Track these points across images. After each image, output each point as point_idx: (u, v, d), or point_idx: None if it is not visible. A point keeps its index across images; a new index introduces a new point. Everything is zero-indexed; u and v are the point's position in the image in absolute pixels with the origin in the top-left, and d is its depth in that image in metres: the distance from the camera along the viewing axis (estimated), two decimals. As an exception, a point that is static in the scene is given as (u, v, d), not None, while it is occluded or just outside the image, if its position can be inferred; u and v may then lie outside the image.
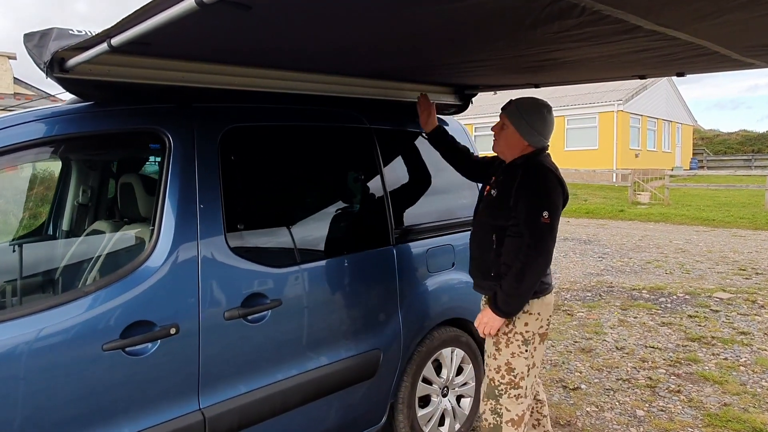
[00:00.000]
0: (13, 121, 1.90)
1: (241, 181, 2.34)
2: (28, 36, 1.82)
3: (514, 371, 2.34)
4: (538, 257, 2.19)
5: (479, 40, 1.61)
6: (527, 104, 2.35)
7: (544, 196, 2.22)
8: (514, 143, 2.37)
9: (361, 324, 2.59)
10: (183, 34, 1.50)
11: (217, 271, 2.13)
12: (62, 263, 2.63)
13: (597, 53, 1.80)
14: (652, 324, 5.35)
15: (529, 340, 2.34)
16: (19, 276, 2.54)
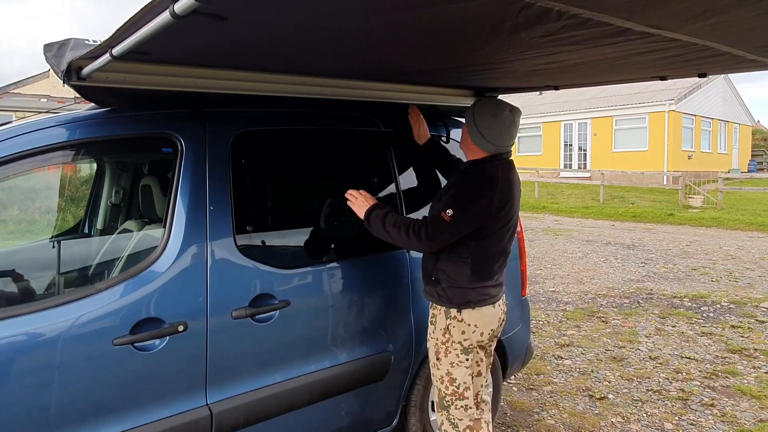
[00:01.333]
0: (36, 126, 2.01)
1: (251, 184, 2.40)
2: (47, 46, 1.94)
3: (456, 381, 2.30)
4: (414, 238, 2.17)
5: (467, 46, 1.60)
6: (483, 108, 2.27)
7: (457, 197, 2.18)
8: (468, 146, 2.33)
9: (372, 326, 2.61)
10: (178, 42, 1.55)
11: (225, 272, 2.19)
12: (90, 261, 2.76)
13: (600, 56, 1.76)
14: (691, 334, 5.14)
15: (469, 349, 2.29)
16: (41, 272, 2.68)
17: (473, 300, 2.26)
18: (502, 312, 2.38)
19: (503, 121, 2.22)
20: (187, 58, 1.91)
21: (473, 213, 2.15)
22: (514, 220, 2.32)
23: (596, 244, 10.37)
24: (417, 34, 1.48)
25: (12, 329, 1.80)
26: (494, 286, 2.32)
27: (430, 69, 2.34)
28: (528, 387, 4.01)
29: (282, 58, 2.04)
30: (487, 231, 2.23)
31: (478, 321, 2.27)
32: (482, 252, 2.25)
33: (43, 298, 2.12)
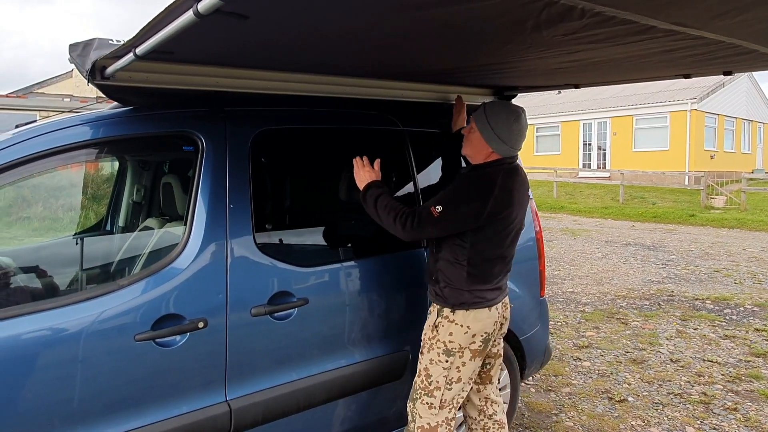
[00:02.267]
0: (60, 124, 2.05)
1: (270, 182, 2.42)
2: (72, 46, 1.97)
3: (430, 378, 2.29)
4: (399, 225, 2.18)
5: (487, 45, 1.59)
6: (496, 110, 2.25)
7: (451, 195, 2.19)
8: (480, 148, 2.28)
9: (390, 325, 2.61)
10: (200, 42, 1.57)
11: (244, 269, 2.20)
12: (112, 257, 2.81)
13: (623, 54, 1.73)
14: (714, 336, 5.05)
15: (453, 351, 2.25)
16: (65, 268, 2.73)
17: (467, 302, 2.25)
18: (499, 316, 2.34)
19: (522, 124, 2.23)
20: (208, 57, 1.93)
21: (462, 215, 2.15)
22: (514, 226, 2.30)
23: (616, 244, 10.25)
24: (437, 32, 1.48)
25: (37, 324, 1.83)
26: (492, 290, 2.30)
27: (450, 68, 2.33)
28: (546, 388, 3.98)
29: (301, 58, 2.05)
30: (482, 235, 2.22)
31: (471, 323, 2.25)
32: (478, 255, 2.24)
33: (66, 293, 2.16)
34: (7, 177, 1.93)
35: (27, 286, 2.33)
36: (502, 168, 2.24)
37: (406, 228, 2.18)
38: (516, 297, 3.13)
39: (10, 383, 1.77)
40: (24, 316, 1.82)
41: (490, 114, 2.23)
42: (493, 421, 2.49)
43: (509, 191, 2.23)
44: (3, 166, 1.89)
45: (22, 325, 1.81)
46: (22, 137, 1.97)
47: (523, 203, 2.35)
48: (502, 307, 2.37)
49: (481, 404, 2.49)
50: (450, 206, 2.15)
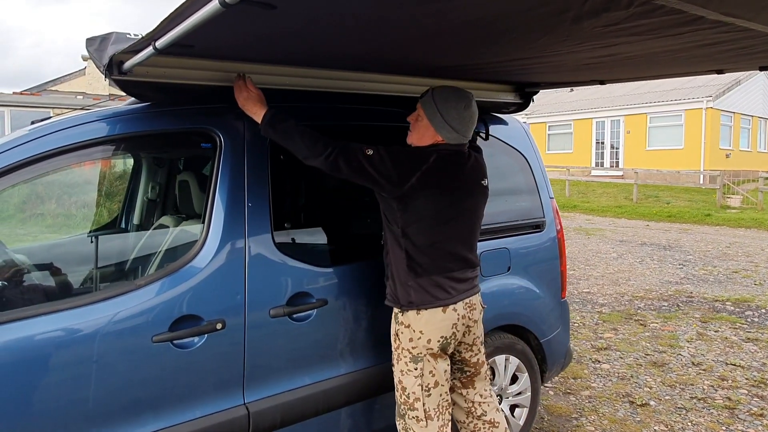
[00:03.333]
0: (77, 120, 2.01)
1: (290, 180, 2.36)
2: (90, 40, 1.93)
3: (407, 391, 2.17)
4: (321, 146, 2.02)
5: (520, 38, 1.52)
6: (445, 96, 2.15)
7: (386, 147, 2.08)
8: (428, 136, 2.18)
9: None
10: (223, 34, 1.51)
11: (263, 269, 2.15)
12: (128, 256, 2.77)
13: (661, 48, 1.66)
14: (736, 339, 4.94)
15: (419, 357, 2.13)
16: (86, 266, 2.69)
17: (416, 301, 2.11)
18: (461, 318, 2.17)
19: (472, 110, 2.16)
20: (228, 51, 1.88)
21: (387, 168, 2.04)
22: (456, 215, 2.17)
23: (631, 244, 10.11)
24: (471, 24, 1.41)
25: (55, 324, 1.79)
26: (444, 287, 2.14)
27: (474, 63, 2.26)
28: (565, 391, 3.90)
29: (323, 52, 1.99)
30: (410, 217, 2.11)
31: (423, 326, 2.11)
32: (410, 242, 2.12)
33: (83, 293, 2.12)
34: (23, 174, 1.89)
35: (43, 285, 2.30)
36: (438, 150, 2.15)
37: (327, 148, 2.02)
38: (535, 297, 3.06)
39: (26, 385, 1.73)
40: (41, 317, 1.78)
41: (440, 101, 2.14)
42: (483, 421, 2.35)
43: (446, 173, 2.13)
44: (19, 163, 1.85)
45: (40, 325, 1.77)
46: (38, 134, 1.93)
47: (472, 192, 2.23)
48: (465, 308, 2.19)
49: (468, 406, 2.36)
50: (380, 154, 2.04)
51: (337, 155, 2.04)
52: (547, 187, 3.26)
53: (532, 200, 3.16)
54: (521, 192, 3.13)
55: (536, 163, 3.24)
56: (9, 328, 1.73)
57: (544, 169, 3.29)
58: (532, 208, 3.15)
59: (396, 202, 2.13)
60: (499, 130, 3.10)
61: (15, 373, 1.71)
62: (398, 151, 2.13)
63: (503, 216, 2.99)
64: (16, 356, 1.71)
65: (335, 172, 2.07)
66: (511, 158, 3.14)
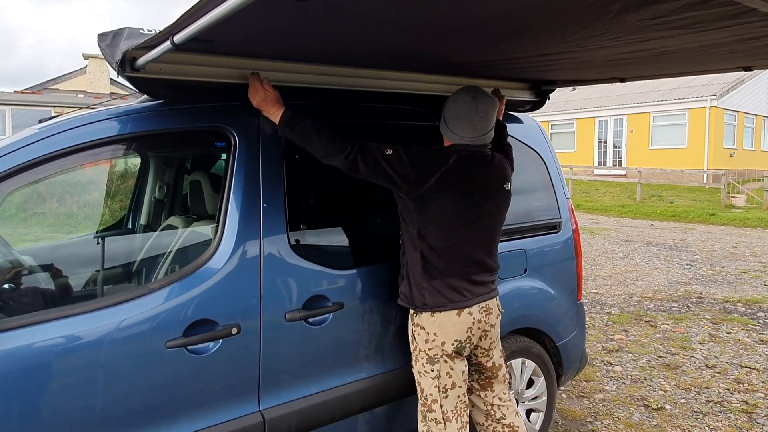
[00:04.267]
0: (88, 119, 1.94)
1: (305, 180, 2.30)
2: (101, 36, 1.86)
3: (425, 392, 2.15)
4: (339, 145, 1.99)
5: (560, 30, 1.45)
6: (451, 100, 2.17)
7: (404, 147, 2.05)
8: (445, 141, 2.23)
9: None
10: (244, 28, 1.45)
11: (279, 272, 2.09)
12: (136, 258, 2.71)
13: (697, 42, 1.59)
14: (749, 341, 4.87)
15: (435, 359, 2.10)
16: (98, 268, 2.63)
17: (430, 303, 2.08)
18: (476, 322, 2.12)
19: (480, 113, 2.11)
20: (245, 47, 1.81)
21: (405, 168, 2.01)
22: (474, 217, 2.11)
23: (636, 244, 10.05)
24: (501, 19, 1.35)
25: (67, 329, 1.73)
26: (460, 290, 2.09)
27: (496, 60, 2.20)
28: (578, 394, 3.84)
29: (343, 49, 1.93)
30: (427, 218, 2.06)
31: (437, 329, 2.09)
32: (426, 244, 2.07)
33: (94, 298, 2.05)
34: (31, 175, 1.83)
35: (51, 289, 2.24)
36: (457, 152, 2.11)
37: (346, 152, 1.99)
38: (552, 300, 3.00)
39: (36, 394, 1.67)
40: (51, 322, 1.72)
41: (445, 106, 2.18)
42: (503, 425, 2.30)
43: (465, 175, 2.08)
44: (28, 164, 1.79)
45: (50, 331, 1.71)
46: (47, 133, 1.87)
47: (493, 195, 2.18)
48: (481, 312, 2.13)
49: (487, 408, 2.32)
50: (399, 154, 2.02)
51: (355, 154, 2.00)
52: (562, 186, 3.19)
53: (548, 200, 3.10)
54: (537, 192, 3.06)
55: (552, 162, 3.17)
56: (16, 334, 1.67)
57: (559, 168, 3.23)
58: (549, 208, 3.08)
59: (413, 203, 2.07)
60: (515, 128, 3.03)
61: (24, 381, 1.65)
62: (418, 151, 2.08)
63: (520, 217, 2.92)
64: (24, 364, 1.65)
65: (353, 172, 2.03)
66: (526, 157, 3.07)
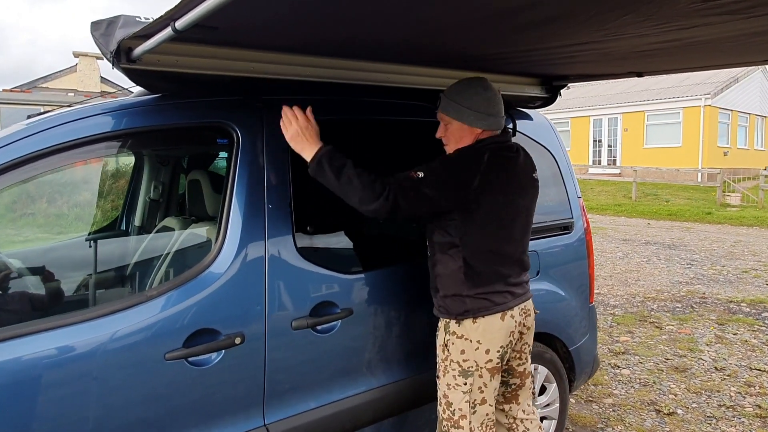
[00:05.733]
0: (81, 114, 1.81)
1: (313, 179, 2.17)
2: (95, 24, 1.72)
3: (452, 407, 1.99)
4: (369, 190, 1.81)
5: (598, 17, 1.34)
6: (458, 90, 2.01)
7: (432, 163, 1.90)
8: (466, 138, 2.01)
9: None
10: (252, 14, 1.33)
11: (285, 277, 1.97)
12: (130, 262, 2.57)
13: (739, 31, 1.49)
14: (756, 342, 4.80)
15: (470, 372, 1.95)
16: (90, 273, 2.50)
17: (473, 309, 1.94)
18: (517, 324, 2.01)
19: (493, 89, 2.02)
20: (252, 37, 1.69)
21: (445, 184, 1.87)
22: (514, 214, 2.00)
23: (635, 243, 9.99)
24: (532, 9, 1.23)
25: (58, 341, 1.60)
26: (500, 293, 1.97)
27: (510, 52, 2.09)
28: (587, 399, 3.74)
29: (351, 40, 1.81)
30: (471, 224, 1.92)
31: (481, 336, 1.94)
32: (470, 250, 1.93)
33: (89, 306, 1.90)
34: (20, 174, 1.69)
35: (41, 295, 2.10)
36: (488, 147, 1.98)
37: (375, 191, 1.81)
38: (565, 303, 2.89)
39: (26, 409, 1.54)
40: (41, 334, 1.59)
41: (456, 95, 2.00)
42: None
43: (502, 170, 1.96)
44: (16, 162, 1.65)
45: (40, 343, 1.57)
46: (36, 129, 1.73)
47: (525, 188, 2.07)
48: (521, 314, 2.04)
49: (509, 422, 2.20)
50: (432, 171, 1.87)
51: (394, 194, 1.82)
52: (574, 185, 3.09)
53: (559, 200, 2.99)
54: (549, 191, 2.95)
55: (563, 160, 3.06)
56: (3, 347, 1.54)
57: (571, 166, 3.12)
58: (560, 208, 2.98)
59: (458, 212, 1.93)
60: (525, 125, 2.92)
61: (12, 397, 1.52)
62: (449, 160, 1.95)
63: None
64: (12, 379, 1.52)
65: (393, 214, 1.85)
66: (537, 155, 2.94)
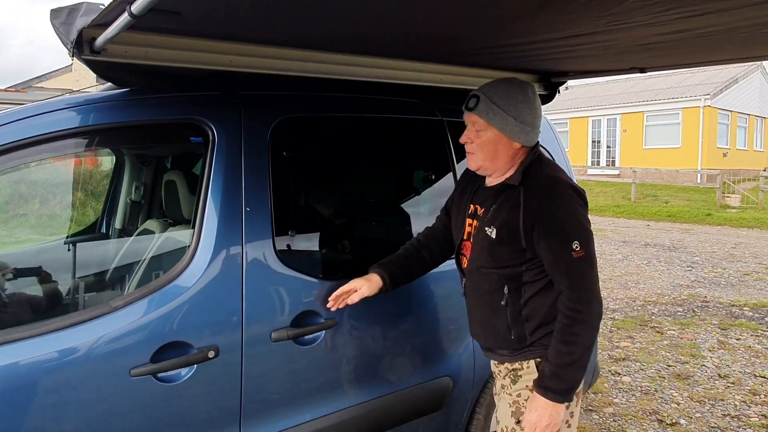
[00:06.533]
0: (41, 109, 1.68)
1: (294, 180, 2.04)
2: (55, 12, 1.59)
3: None
4: (586, 307, 1.58)
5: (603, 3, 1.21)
6: (504, 91, 1.69)
7: (566, 223, 1.60)
8: (502, 151, 1.69)
9: (429, 347, 2.24)
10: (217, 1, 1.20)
11: (264, 285, 1.83)
12: (107, 268, 2.44)
13: (752, 20, 1.36)
14: (760, 348, 4.67)
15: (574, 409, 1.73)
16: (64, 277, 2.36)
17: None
18: None
19: (538, 99, 1.75)
20: (222, 27, 1.56)
21: (588, 225, 1.64)
22: None
23: (634, 245, 9.86)
24: None
25: (15, 355, 1.47)
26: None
27: (508, 45, 1.96)
28: (587, 408, 3.61)
29: (330, 32, 1.68)
30: None
31: None
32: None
33: (45, 318, 1.75)
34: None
35: (4, 303, 1.96)
36: (541, 156, 1.74)
37: (587, 299, 1.58)
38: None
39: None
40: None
41: (501, 99, 1.67)
42: None
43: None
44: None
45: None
46: (-8, 125, 1.59)
47: None
48: None
49: None
50: (580, 233, 1.60)
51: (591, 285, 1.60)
52: (573, 186, 2.96)
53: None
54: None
55: (563, 161, 2.93)
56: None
57: (570, 167, 2.99)
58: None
59: None
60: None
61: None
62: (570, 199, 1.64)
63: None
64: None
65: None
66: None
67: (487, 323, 1.80)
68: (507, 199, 1.70)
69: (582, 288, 1.59)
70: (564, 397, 1.62)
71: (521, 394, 1.75)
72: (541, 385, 1.63)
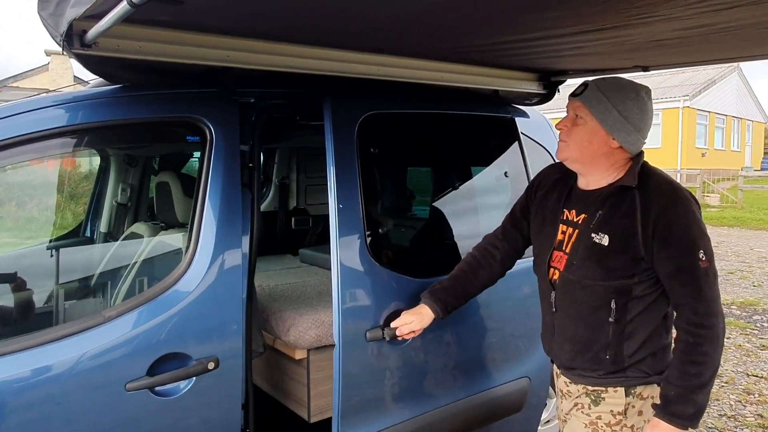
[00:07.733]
0: (29, 106, 1.57)
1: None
2: (43, 3, 1.48)
3: None
4: (714, 321, 1.44)
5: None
6: (613, 85, 1.57)
7: (693, 231, 1.47)
8: (596, 145, 1.58)
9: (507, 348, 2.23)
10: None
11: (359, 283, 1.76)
12: (92, 275, 2.32)
13: (756, 18, 1.32)
14: (750, 347, 4.70)
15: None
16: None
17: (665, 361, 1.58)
18: None
19: (651, 103, 1.65)
20: (224, 18, 1.47)
21: (708, 236, 1.52)
22: None
23: (619, 244, 9.93)
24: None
25: (4, 369, 1.36)
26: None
27: (506, 41, 1.90)
28: (584, 410, 3.57)
29: (324, 25, 1.60)
30: None
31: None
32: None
33: (34, 330, 1.64)
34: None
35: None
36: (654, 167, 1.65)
37: (715, 314, 1.46)
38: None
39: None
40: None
41: (610, 91, 1.56)
42: None
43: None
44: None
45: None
46: (-26, 123, 1.49)
47: None
48: None
49: None
50: (706, 244, 1.48)
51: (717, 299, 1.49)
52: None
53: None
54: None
55: (562, 160, 2.89)
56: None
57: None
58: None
59: None
60: (522, 123, 2.75)
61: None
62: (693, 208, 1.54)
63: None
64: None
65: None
66: (535, 155, 2.79)
67: (581, 341, 1.61)
68: (618, 204, 1.57)
69: (709, 300, 1.46)
70: (691, 423, 1.45)
71: (602, 417, 1.60)
72: (666, 411, 1.46)
